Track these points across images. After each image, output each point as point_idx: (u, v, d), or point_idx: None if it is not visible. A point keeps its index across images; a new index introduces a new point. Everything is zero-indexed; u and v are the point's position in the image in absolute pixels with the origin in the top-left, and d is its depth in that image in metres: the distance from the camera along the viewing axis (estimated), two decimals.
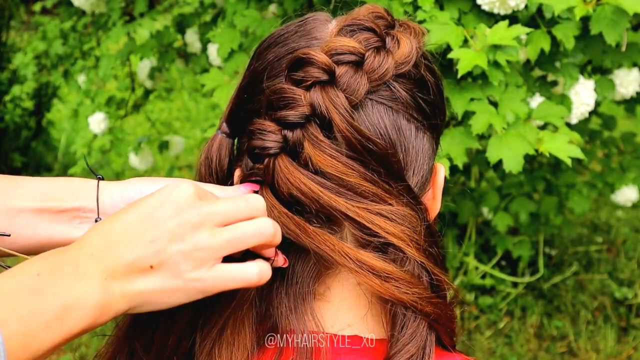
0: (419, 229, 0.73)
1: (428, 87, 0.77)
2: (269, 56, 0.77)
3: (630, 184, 2.77)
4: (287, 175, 0.72)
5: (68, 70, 3.29)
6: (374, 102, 0.73)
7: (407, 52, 0.74)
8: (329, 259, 0.71)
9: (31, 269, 0.59)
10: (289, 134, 0.72)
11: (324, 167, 0.71)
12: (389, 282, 0.69)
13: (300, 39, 0.76)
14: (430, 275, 0.72)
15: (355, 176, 0.71)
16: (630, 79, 1.99)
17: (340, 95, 0.71)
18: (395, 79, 0.74)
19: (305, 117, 0.71)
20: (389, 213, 0.71)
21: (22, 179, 0.78)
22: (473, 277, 3.30)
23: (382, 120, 0.73)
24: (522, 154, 1.56)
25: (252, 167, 0.75)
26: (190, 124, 5.98)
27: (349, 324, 0.74)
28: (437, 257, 0.74)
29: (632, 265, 3.60)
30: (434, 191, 0.81)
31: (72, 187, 0.77)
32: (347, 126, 0.70)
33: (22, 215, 0.76)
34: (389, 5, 1.62)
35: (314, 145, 0.71)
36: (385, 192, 0.72)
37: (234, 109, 0.81)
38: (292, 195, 0.72)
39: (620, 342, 3.04)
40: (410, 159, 0.75)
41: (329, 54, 0.72)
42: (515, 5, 1.61)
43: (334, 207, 0.70)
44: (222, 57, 2.05)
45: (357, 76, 0.72)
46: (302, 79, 0.72)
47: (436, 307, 0.71)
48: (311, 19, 0.78)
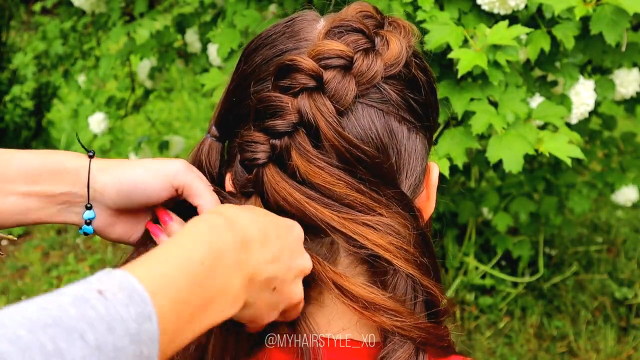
0: (409, 238, 0.71)
1: (419, 86, 0.75)
2: (257, 59, 0.76)
3: (630, 184, 2.77)
4: (273, 185, 0.71)
5: (68, 70, 3.29)
6: (364, 105, 0.71)
7: (396, 53, 0.72)
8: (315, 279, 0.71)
9: (195, 253, 0.56)
10: (276, 143, 0.71)
11: (311, 177, 0.70)
12: (373, 310, 0.69)
13: (288, 41, 0.75)
14: (420, 289, 0.71)
15: (342, 186, 0.70)
16: (630, 79, 1.99)
17: (327, 103, 0.69)
18: (385, 81, 0.72)
19: (293, 125, 0.70)
20: (375, 223, 0.70)
21: (9, 155, 0.75)
22: (473, 277, 3.29)
23: (373, 124, 0.71)
24: (522, 154, 1.56)
25: (244, 179, 0.74)
26: (190, 124, 5.97)
27: (344, 327, 0.74)
28: (429, 267, 0.73)
29: (632, 265, 3.60)
30: (428, 191, 0.79)
31: (63, 169, 0.76)
32: (334, 134, 0.69)
33: (11, 198, 0.75)
34: (389, 5, 1.62)
35: (300, 155, 0.70)
36: (374, 201, 0.70)
37: (222, 113, 0.80)
38: (279, 205, 0.71)
39: (620, 342, 3.04)
40: (403, 161, 0.74)
41: (316, 58, 0.70)
42: (515, 5, 1.61)
43: (319, 219, 0.69)
44: (222, 57, 2.05)
45: (345, 81, 0.70)
46: (289, 86, 0.70)
47: (423, 332, 0.70)
48: (299, 19, 0.77)
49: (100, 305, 0.47)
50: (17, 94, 4.15)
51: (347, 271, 0.73)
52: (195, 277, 0.54)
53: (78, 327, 0.45)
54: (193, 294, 0.54)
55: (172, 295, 0.52)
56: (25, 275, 3.71)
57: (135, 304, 0.48)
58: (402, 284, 0.71)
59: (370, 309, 0.69)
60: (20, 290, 3.55)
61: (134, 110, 3.23)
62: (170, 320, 0.51)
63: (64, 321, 0.45)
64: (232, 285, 0.59)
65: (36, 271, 3.73)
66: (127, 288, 0.49)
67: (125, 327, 0.47)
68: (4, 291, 3.56)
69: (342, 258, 0.74)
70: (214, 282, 0.56)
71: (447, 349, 0.73)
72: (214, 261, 0.57)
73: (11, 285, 3.60)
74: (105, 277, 0.49)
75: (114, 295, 0.48)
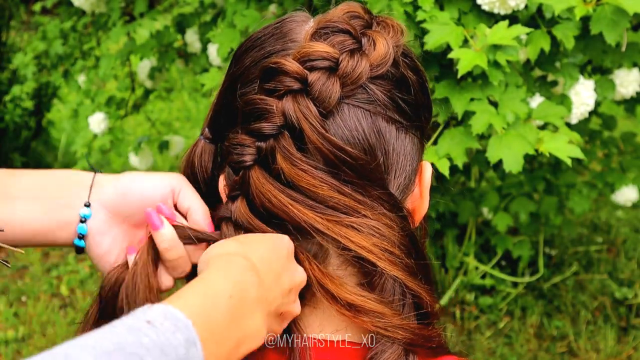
0: (394, 239, 0.71)
1: (409, 86, 0.75)
2: (246, 60, 0.76)
3: (630, 184, 2.77)
4: (259, 187, 0.71)
5: (68, 70, 3.29)
6: (350, 106, 0.71)
7: (383, 53, 0.72)
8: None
9: (222, 287, 0.60)
10: (262, 145, 0.71)
11: (295, 180, 0.70)
12: (355, 311, 0.69)
13: (277, 42, 0.74)
14: (407, 290, 0.71)
15: (325, 189, 0.70)
16: (630, 79, 1.99)
17: (310, 106, 0.69)
18: (372, 81, 0.72)
19: (278, 127, 0.70)
20: (359, 225, 0.70)
21: (20, 172, 0.79)
22: (473, 277, 3.30)
23: (359, 124, 0.71)
24: (522, 154, 1.56)
25: (232, 182, 0.75)
26: (190, 124, 5.98)
27: (337, 329, 0.74)
28: (415, 269, 0.72)
29: (632, 265, 3.60)
30: (421, 189, 0.79)
31: (69, 182, 0.78)
32: (318, 137, 0.69)
33: (19, 205, 0.77)
34: (389, 5, 1.62)
35: (284, 158, 0.70)
36: (358, 203, 0.70)
37: (214, 115, 0.80)
38: (264, 207, 0.71)
39: (620, 342, 3.04)
40: (390, 161, 0.73)
41: (301, 60, 0.70)
42: (515, 5, 1.61)
43: (303, 220, 0.69)
44: (222, 57, 2.05)
45: (329, 82, 0.70)
46: (274, 89, 0.70)
47: (408, 332, 0.70)
48: (288, 20, 0.77)
49: (152, 333, 0.52)
50: (17, 94, 4.14)
51: (339, 272, 0.73)
52: (227, 310, 0.59)
53: (138, 352, 0.50)
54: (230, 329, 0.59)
55: (209, 325, 0.56)
56: (25, 275, 3.71)
57: (180, 331, 0.53)
58: (389, 285, 0.71)
59: (352, 310, 0.69)
60: (20, 290, 3.55)
61: (134, 110, 3.23)
62: (211, 350, 0.56)
63: (125, 347, 0.50)
64: (257, 323, 0.63)
65: (36, 271, 3.73)
66: (171, 318, 0.54)
67: (176, 352, 0.52)
68: (4, 291, 3.56)
69: (332, 258, 0.74)
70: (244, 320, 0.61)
71: (437, 350, 0.73)
72: (240, 298, 0.61)
73: (11, 285, 3.60)
74: (149, 310, 0.54)
75: (162, 324, 0.53)
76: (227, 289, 0.60)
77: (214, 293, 0.59)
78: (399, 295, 0.71)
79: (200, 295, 0.58)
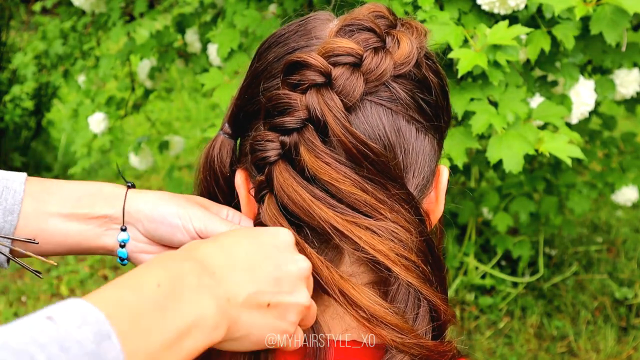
0: (411, 245, 0.70)
1: (430, 88, 0.75)
2: (269, 56, 0.76)
3: (630, 184, 2.77)
4: (281, 182, 0.71)
5: (68, 70, 3.29)
6: (372, 103, 0.71)
7: (407, 53, 0.72)
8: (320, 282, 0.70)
9: (150, 277, 0.58)
10: (285, 140, 0.71)
11: (318, 173, 0.69)
12: (375, 323, 0.68)
13: (301, 39, 0.75)
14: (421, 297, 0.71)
15: (348, 184, 0.69)
16: (631, 79, 1.99)
17: (335, 98, 0.69)
18: (395, 80, 0.72)
19: (302, 121, 0.70)
20: (377, 228, 0.69)
21: (54, 185, 0.79)
22: (473, 277, 3.30)
23: (380, 122, 0.71)
24: (522, 154, 1.56)
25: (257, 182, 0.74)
26: (190, 124, 5.98)
27: (346, 328, 0.74)
28: (431, 276, 0.72)
29: (632, 265, 3.60)
30: (437, 193, 0.79)
31: (102, 195, 0.79)
32: (342, 129, 0.69)
33: (52, 220, 0.77)
34: (389, 5, 1.62)
35: (309, 150, 0.70)
36: (378, 201, 0.70)
37: (235, 110, 0.81)
38: (285, 205, 0.71)
39: (620, 342, 3.04)
40: (410, 160, 0.73)
41: (325, 55, 0.70)
42: (515, 5, 1.61)
43: (323, 219, 0.69)
44: (222, 57, 2.05)
45: (353, 77, 0.70)
46: (299, 83, 0.71)
47: (424, 349, 0.69)
48: (312, 18, 0.77)
49: (50, 329, 0.48)
50: (17, 94, 4.15)
51: (352, 269, 0.73)
52: (154, 299, 0.56)
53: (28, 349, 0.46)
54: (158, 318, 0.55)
55: (131, 317, 0.53)
56: (25, 275, 3.71)
57: (89, 324, 0.50)
58: (402, 292, 0.70)
59: (372, 321, 0.68)
60: (20, 290, 3.55)
61: (134, 110, 3.22)
62: (137, 343, 0.52)
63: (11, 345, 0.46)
64: (204, 310, 0.58)
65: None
66: (79, 311, 0.50)
67: (81, 347, 0.48)
68: (4, 291, 3.56)
69: (346, 257, 0.74)
70: (180, 306, 0.57)
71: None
72: (172, 285, 0.58)
73: (11, 285, 3.60)
74: (54, 306, 0.51)
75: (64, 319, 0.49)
76: (155, 278, 0.57)
77: (137, 283, 0.56)
78: (413, 303, 0.71)
79: (120, 288, 0.56)
